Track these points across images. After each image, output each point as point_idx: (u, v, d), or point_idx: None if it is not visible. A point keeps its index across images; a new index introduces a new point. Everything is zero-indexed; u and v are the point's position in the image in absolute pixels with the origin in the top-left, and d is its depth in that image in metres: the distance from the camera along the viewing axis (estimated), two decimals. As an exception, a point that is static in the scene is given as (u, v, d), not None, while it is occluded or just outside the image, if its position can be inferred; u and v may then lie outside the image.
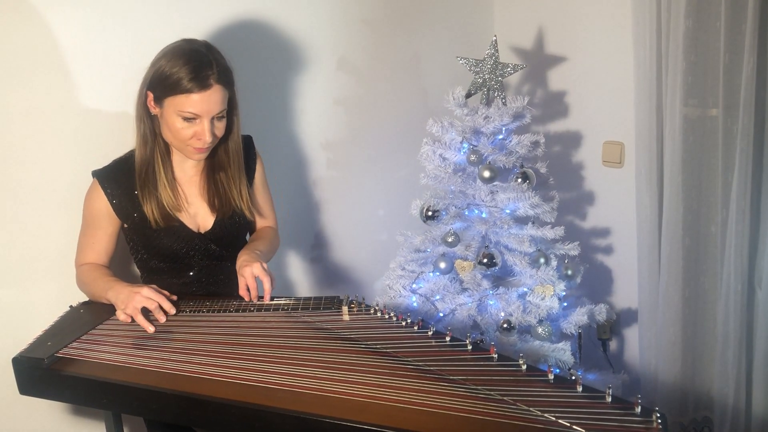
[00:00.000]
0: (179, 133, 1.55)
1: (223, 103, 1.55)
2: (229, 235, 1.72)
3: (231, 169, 1.69)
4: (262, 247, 1.73)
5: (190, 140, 1.56)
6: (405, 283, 1.94)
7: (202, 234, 1.69)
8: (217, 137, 1.60)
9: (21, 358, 1.41)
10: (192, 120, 1.53)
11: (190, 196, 1.70)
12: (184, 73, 1.49)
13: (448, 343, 1.37)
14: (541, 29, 2.44)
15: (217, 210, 1.69)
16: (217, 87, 1.52)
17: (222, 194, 1.70)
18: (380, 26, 2.30)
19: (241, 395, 1.21)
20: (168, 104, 1.53)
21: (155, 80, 1.53)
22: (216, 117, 1.56)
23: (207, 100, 1.51)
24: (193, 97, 1.50)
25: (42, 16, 1.67)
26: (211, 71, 1.51)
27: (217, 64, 1.53)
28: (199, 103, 1.51)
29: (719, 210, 1.93)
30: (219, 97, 1.53)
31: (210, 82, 1.51)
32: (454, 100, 1.90)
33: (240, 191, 1.71)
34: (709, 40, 1.86)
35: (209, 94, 1.51)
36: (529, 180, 1.86)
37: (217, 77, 1.52)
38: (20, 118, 1.69)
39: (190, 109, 1.51)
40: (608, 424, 1.07)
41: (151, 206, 1.62)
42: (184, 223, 1.67)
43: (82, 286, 1.68)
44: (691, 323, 2.07)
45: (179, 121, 1.53)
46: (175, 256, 1.68)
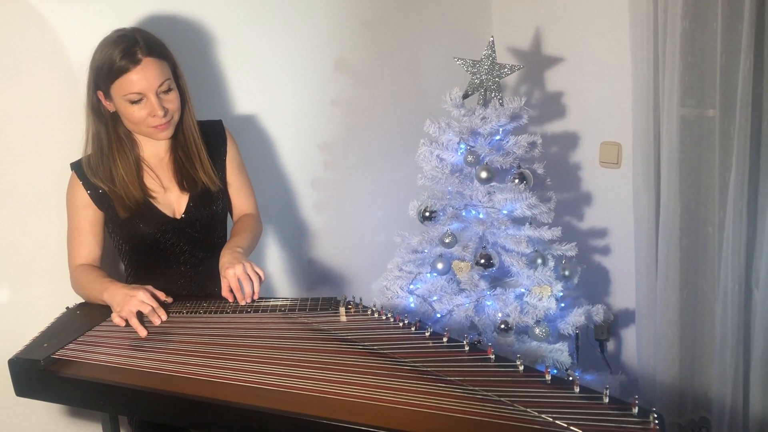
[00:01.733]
0: (134, 116, 1.57)
1: (161, 75, 1.56)
2: (205, 218, 1.72)
3: (188, 144, 1.70)
4: (243, 242, 1.70)
5: (146, 120, 1.58)
6: (402, 284, 1.94)
7: (178, 219, 1.69)
8: (172, 110, 1.61)
9: (17, 360, 1.40)
10: (139, 101, 1.55)
11: (165, 180, 1.70)
12: (115, 55, 1.52)
13: (445, 344, 1.37)
14: (538, 30, 2.44)
15: (186, 189, 1.70)
16: (149, 60, 1.53)
17: (186, 172, 1.70)
18: (378, 27, 2.30)
19: (238, 396, 1.21)
20: (114, 94, 1.56)
21: (96, 75, 1.57)
22: (160, 91, 1.57)
23: (143, 75, 1.53)
24: (129, 77, 1.52)
25: (38, 16, 1.67)
26: (137, 47, 1.52)
27: (144, 40, 1.54)
28: (138, 81, 1.53)
29: (716, 211, 1.93)
30: (155, 69, 1.54)
31: (138, 57, 1.52)
32: (452, 101, 1.90)
33: (201, 164, 1.71)
34: (706, 41, 1.86)
35: (142, 68, 1.52)
36: (526, 181, 1.86)
37: (146, 51, 1.53)
38: (17, 119, 1.69)
39: (131, 90, 1.53)
40: (605, 425, 1.07)
41: (115, 200, 1.63)
42: (159, 209, 1.67)
43: (77, 288, 1.68)
44: (688, 324, 2.07)
45: (129, 106, 1.56)
46: (156, 244, 1.68)
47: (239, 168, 1.83)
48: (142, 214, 1.65)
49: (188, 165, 1.70)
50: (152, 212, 1.66)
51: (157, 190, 1.69)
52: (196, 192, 1.71)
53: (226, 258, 1.62)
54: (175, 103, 1.61)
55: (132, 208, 1.64)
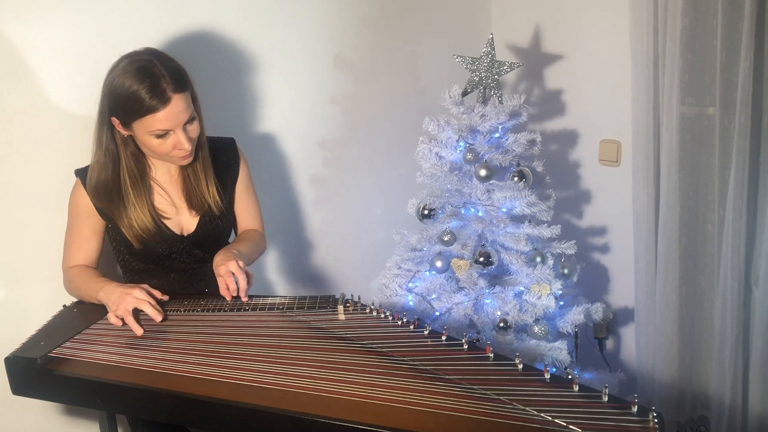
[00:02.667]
0: (158, 149, 1.54)
1: (188, 108, 1.52)
2: (211, 238, 1.71)
3: (198, 165, 1.67)
4: (242, 247, 1.71)
5: (171, 152, 1.55)
6: (401, 282, 1.94)
7: (185, 237, 1.68)
8: (195, 138, 1.58)
9: (14, 358, 1.40)
10: (165, 135, 1.51)
11: (175, 198, 1.69)
12: (143, 94, 1.45)
13: (444, 342, 1.37)
14: (537, 27, 2.43)
15: (194, 208, 1.68)
16: (177, 96, 1.48)
17: (194, 191, 1.68)
18: (377, 24, 2.30)
19: (235, 395, 1.21)
20: (136, 127, 1.51)
21: (115, 106, 1.50)
22: (187, 123, 1.53)
23: (172, 113, 1.48)
24: (158, 116, 1.47)
25: (41, 16, 1.66)
26: (165, 83, 1.46)
27: (169, 73, 1.48)
28: (167, 119, 1.48)
29: (716, 209, 1.93)
30: (182, 105, 1.50)
31: (169, 96, 1.46)
32: (451, 99, 1.89)
33: (208, 186, 1.68)
34: (706, 38, 1.86)
35: (172, 107, 1.47)
36: (525, 178, 1.85)
37: (174, 87, 1.47)
38: (13, 119, 1.68)
39: (159, 127, 1.49)
40: (605, 424, 1.07)
41: (124, 228, 1.61)
42: (168, 226, 1.66)
43: (71, 288, 1.67)
44: (687, 322, 2.07)
45: (153, 139, 1.51)
46: (157, 258, 1.67)
47: (248, 188, 1.81)
48: (155, 236, 1.64)
49: (196, 185, 1.68)
50: (163, 232, 1.65)
51: (167, 210, 1.67)
52: (204, 212, 1.69)
53: (220, 256, 1.62)
54: (197, 131, 1.58)
55: (142, 238, 1.62)
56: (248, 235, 1.82)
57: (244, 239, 1.79)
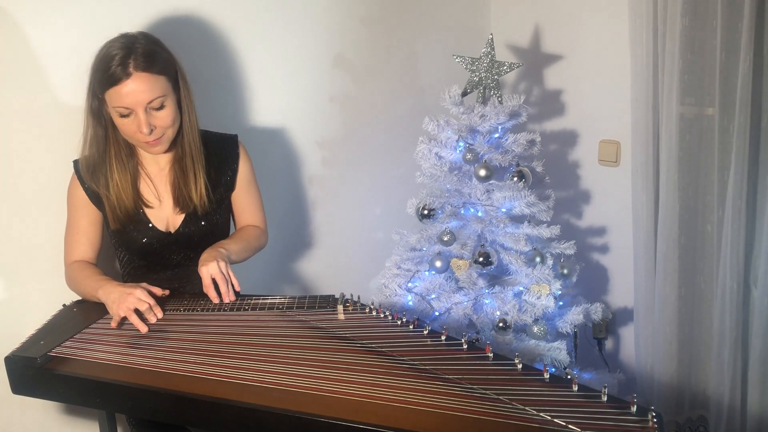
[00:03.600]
0: (123, 128, 1.53)
1: (151, 92, 1.47)
2: (197, 236, 1.69)
3: (185, 160, 1.64)
4: (232, 245, 1.68)
5: (136, 135, 1.53)
6: (401, 282, 1.94)
7: (171, 233, 1.67)
8: (161, 127, 1.53)
9: (14, 357, 1.40)
10: (128, 115, 1.49)
11: (162, 192, 1.68)
12: (111, 63, 1.45)
13: (443, 342, 1.37)
14: (537, 28, 2.43)
15: (179, 205, 1.66)
16: (141, 75, 1.45)
17: (181, 188, 1.66)
18: (377, 24, 2.30)
19: (235, 394, 1.21)
20: (108, 101, 1.50)
21: (93, 80, 1.51)
22: (151, 108, 1.49)
23: (132, 89, 1.45)
24: (119, 89, 1.45)
25: (29, 18, 1.66)
26: (134, 59, 1.45)
27: (144, 51, 1.46)
28: (124, 95, 1.46)
29: (715, 209, 1.93)
30: (145, 85, 1.46)
31: (129, 71, 1.44)
32: (450, 99, 1.89)
33: (195, 183, 1.65)
34: (705, 39, 1.86)
35: (130, 82, 1.45)
36: (525, 179, 1.85)
37: (141, 64, 1.45)
38: (16, 116, 1.68)
39: (118, 104, 1.47)
40: (604, 424, 1.07)
41: (107, 205, 1.61)
42: (152, 222, 1.65)
43: (72, 284, 1.67)
44: (686, 322, 2.07)
45: (119, 118, 1.51)
46: (149, 252, 1.67)
47: (249, 185, 1.79)
48: (135, 221, 1.63)
49: (183, 181, 1.65)
50: (144, 222, 1.64)
51: (152, 201, 1.66)
52: (189, 211, 1.67)
53: (204, 255, 1.60)
54: (167, 120, 1.53)
55: (122, 219, 1.61)
56: (244, 231, 1.80)
57: (238, 236, 1.77)
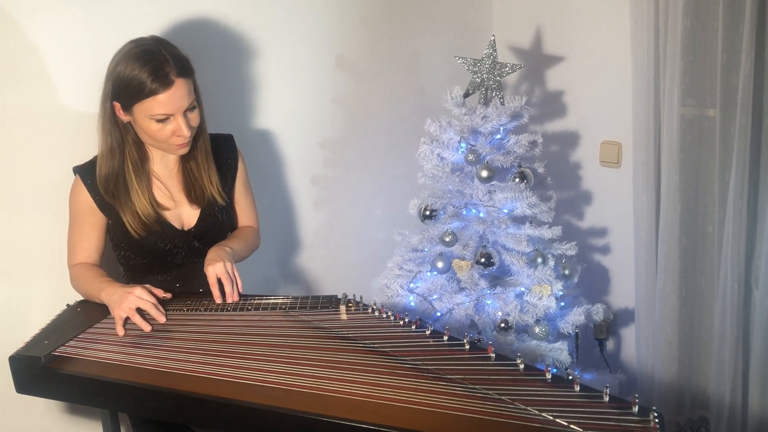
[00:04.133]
0: (157, 134, 1.54)
1: (190, 95, 1.53)
2: (213, 231, 1.72)
3: (199, 157, 1.68)
4: (235, 245, 1.71)
5: (170, 139, 1.55)
6: (402, 283, 1.94)
7: (186, 231, 1.69)
8: (195, 127, 1.58)
9: (18, 357, 1.41)
10: (165, 120, 1.52)
11: (175, 192, 1.69)
12: (145, 76, 1.46)
13: (445, 342, 1.37)
14: (539, 29, 2.44)
15: (195, 201, 1.69)
16: (180, 81, 1.49)
17: (195, 183, 1.69)
18: (379, 25, 2.30)
19: (238, 394, 1.21)
20: (137, 110, 1.51)
21: (117, 89, 1.51)
22: (188, 110, 1.54)
23: (174, 97, 1.49)
24: (159, 98, 1.48)
25: (30, 19, 1.66)
26: (169, 67, 1.48)
27: (173, 58, 1.50)
28: (168, 103, 1.49)
29: (716, 210, 1.93)
30: (184, 90, 1.51)
31: (171, 79, 1.48)
32: (452, 100, 1.90)
33: (210, 177, 1.69)
34: (707, 40, 1.86)
35: (174, 90, 1.48)
36: (526, 180, 1.86)
37: (177, 71, 1.49)
38: (17, 119, 1.69)
39: (160, 111, 1.50)
40: (605, 423, 1.07)
41: (127, 217, 1.61)
42: (168, 221, 1.67)
43: (76, 286, 1.68)
44: (688, 323, 2.07)
45: (153, 123, 1.52)
46: (158, 253, 1.68)
47: (245, 185, 1.83)
48: (154, 226, 1.64)
49: (198, 176, 1.69)
50: (162, 224, 1.66)
51: (166, 203, 1.68)
52: (204, 204, 1.70)
53: (211, 255, 1.63)
54: (198, 119, 1.59)
55: (146, 226, 1.62)
56: (243, 232, 1.83)
57: (238, 236, 1.80)
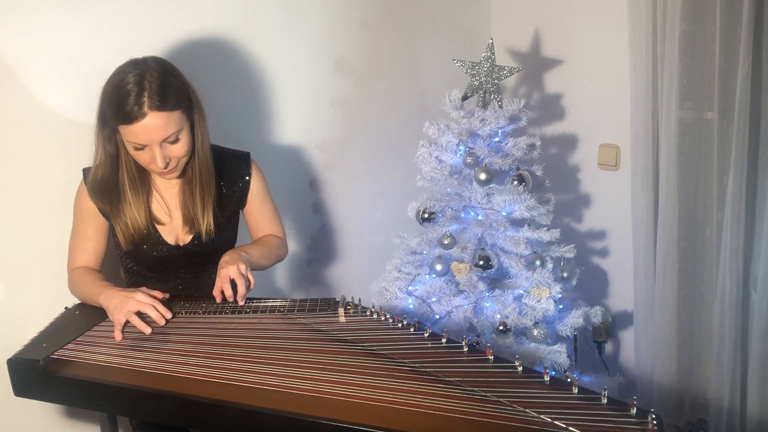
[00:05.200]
0: (139, 159, 1.53)
1: (167, 129, 1.46)
2: (205, 254, 1.69)
3: (194, 183, 1.63)
4: (253, 250, 1.69)
5: (150, 166, 1.54)
6: (401, 285, 1.94)
7: (180, 247, 1.68)
8: (176, 158, 1.54)
9: (16, 360, 1.40)
10: (143, 148, 1.49)
11: (172, 209, 1.67)
12: (122, 103, 1.43)
13: (444, 344, 1.37)
14: (537, 32, 2.44)
15: (188, 225, 1.66)
16: (154, 114, 1.43)
17: (189, 209, 1.66)
18: (378, 27, 2.31)
19: (237, 396, 1.21)
20: (121, 133, 1.50)
21: (102, 108, 1.50)
22: (167, 142, 1.49)
23: (145, 129, 1.44)
24: (132, 127, 1.44)
25: (32, 21, 1.67)
26: (147, 97, 1.42)
27: (157, 88, 1.43)
28: (139, 133, 1.45)
29: (715, 212, 1.93)
30: (159, 123, 1.44)
31: (144, 111, 1.42)
32: (451, 103, 1.90)
33: (203, 209, 1.64)
34: (704, 43, 1.87)
35: (146, 122, 1.43)
36: (525, 182, 1.86)
37: (153, 104, 1.42)
38: (18, 120, 1.69)
39: (132, 139, 1.47)
40: (604, 426, 1.07)
41: (119, 227, 1.61)
42: (162, 236, 1.65)
43: (74, 290, 1.67)
44: (686, 325, 2.07)
45: (133, 150, 1.50)
46: (154, 262, 1.67)
47: (263, 199, 1.78)
48: (146, 239, 1.64)
49: (191, 205, 1.64)
50: (155, 238, 1.65)
51: (163, 218, 1.66)
52: (195, 232, 1.67)
53: (226, 257, 1.61)
54: (181, 152, 1.53)
55: (135, 240, 1.61)
56: (266, 239, 1.79)
57: (260, 243, 1.77)
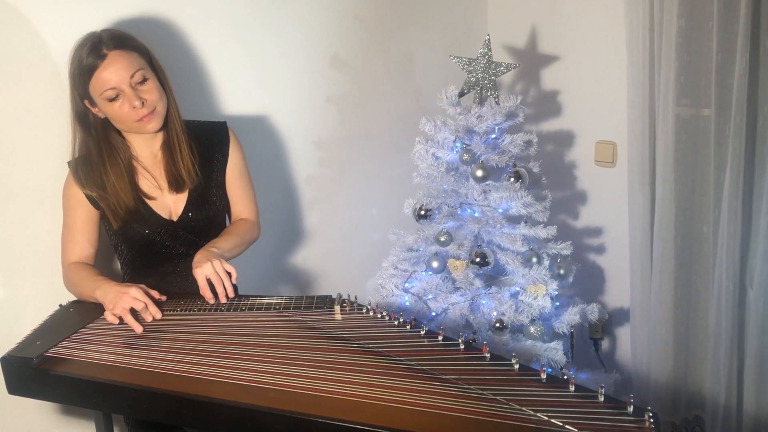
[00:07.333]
0: (117, 114, 1.56)
1: (131, 66, 1.53)
2: (201, 221, 1.70)
3: (170, 139, 1.68)
4: (224, 243, 1.68)
5: (130, 115, 1.56)
6: (397, 282, 1.94)
7: (174, 221, 1.68)
8: (152, 100, 1.57)
9: (10, 358, 1.40)
10: (117, 97, 1.54)
11: (160, 180, 1.69)
12: (84, 57, 1.51)
13: (440, 342, 1.37)
14: (534, 28, 2.44)
15: (174, 187, 1.68)
16: (116, 53, 1.52)
17: (170, 167, 1.68)
18: (374, 24, 2.30)
19: (233, 395, 1.21)
20: (94, 96, 1.55)
21: (73, 83, 1.56)
22: (135, 82, 1.54)
23: (111, 68, 1.51)
24: (99, 74, 1.51)
25: (30, 17, 1.66)
26: (102, 43, 1.52)
27: (108, 36, 1.53)
28: (108, 76, 1.51)
29: (711, 210, 1.93)
30: (123, 62, 1.52)
31: (104, 52, 1.51)
32: (447, 99, 1.90)
33: (182, 159, 1.68)
34: (701, 40, 1.86)
35: (109, 62, 1.51)
36: (521, 179, 1.85)
37: (111, 45, 1.52)
38: (11, 117, 1.68)
39: (104, 87, 1.52)
40: (600, 424, 1.07)
41: (107, 207, 1.62)
42: (155, 210, 1.66)
43: (69, 286, 1.67)
44: (683, 323, 2.07)
45: (109, 105, 1.55)
46: (151, 245, 1.67)
47: (241, 173, 1.80)
48: (137, 216, 1.64)
49: (171, 161, 1.68)
50: (147, 214, 1.65)
51: (153, 192, 1.67)
52: (183, 190, 1.69)
53: (197, 257, 1.59)
54: (154, 94, 1.58)
55: (123, 217, 1.62)
56: (236, 227, 1.79)
57: (228, 233, 1.76)
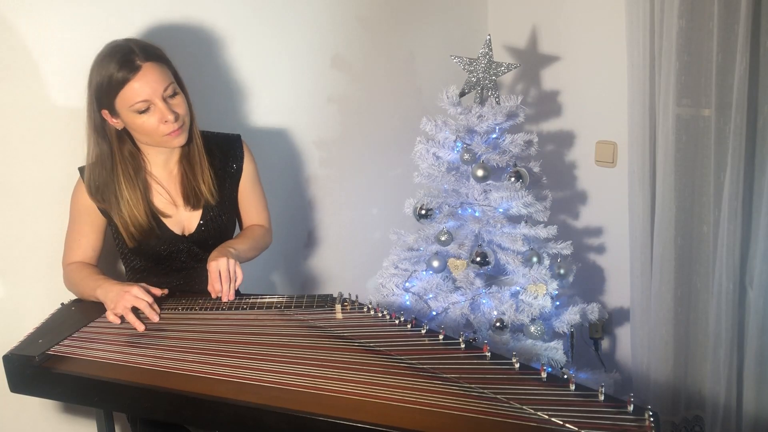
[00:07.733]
0: (145, 127, 1.53)
1: (164, 79, 1.52)
2: (213, 238, 1.70)
3: (192, 154, 1.66)
4: (239, 245, 1.70)
5: (159, 129, 1.54)
6: (398, 282, 1.94)
7: (186, 237, 1.68)
8: (182, 114, 1.56)
9: (12, 356, 1.40)
10: (147, 110, 1.51)
11: (175, 196, 1.68)
12: (114, 69, 1.48)
13: (441, 341, 1.37)
14: (535, 28, 2.44)
15: (190, 204, 1.67)
16: (149, 65, 1.49)
17: (190, 184, 1.67)
18: (375, 24, 2.30)
19: (234, 393, 1.21)
20: (120, 108, 1.52)
21: (97, 95, 1.52)
22: (166, 96, 1.53)
23: (145, 80, 1.49)
24: (132, 85, 1.48)
25: (34, 15, 1.66)
26: (134, 54, 1.49)
27: (139, 47, 1.51)
28: (141, 88, 1.49)
29: (711, 210, 1.94)
30: (156, 74, 1.50)
31: (138, 64, 1.48)
32: (448, 99, 1.90)
33: (203, 175, 1.67)
34: (702, 40, 1.87)
35: (143, 74, 1.49)
36: (522, 179, 1.86)
37: (143, 56, 1.49)
38: (11, 117, 1.68)
39: (136, 99, 1.49)
40: (601, 423, 1.07)
41: (120, 225, 1.61)
42: (168, 226, 1.66)
43: (70, 285, 1.67)
44: (683, 323, 2.07)
45: (137, 117, 1.52)
46: (158, 257, 1.67)
47: (254, 184, 1.80)
48: (151, 234, 1.63)
49: (191, 176, 1.67)
50: (161, 230, 1.65)
51: (167, 209, 1.66)
52: (199, 207, 1.68)
53: (214, 253, 1.62)
54: (184, 107, 1.57)
55: (137, 235, 1.62)
56: (250, 231, 1.81)
57: (245, 236, 1.79)
